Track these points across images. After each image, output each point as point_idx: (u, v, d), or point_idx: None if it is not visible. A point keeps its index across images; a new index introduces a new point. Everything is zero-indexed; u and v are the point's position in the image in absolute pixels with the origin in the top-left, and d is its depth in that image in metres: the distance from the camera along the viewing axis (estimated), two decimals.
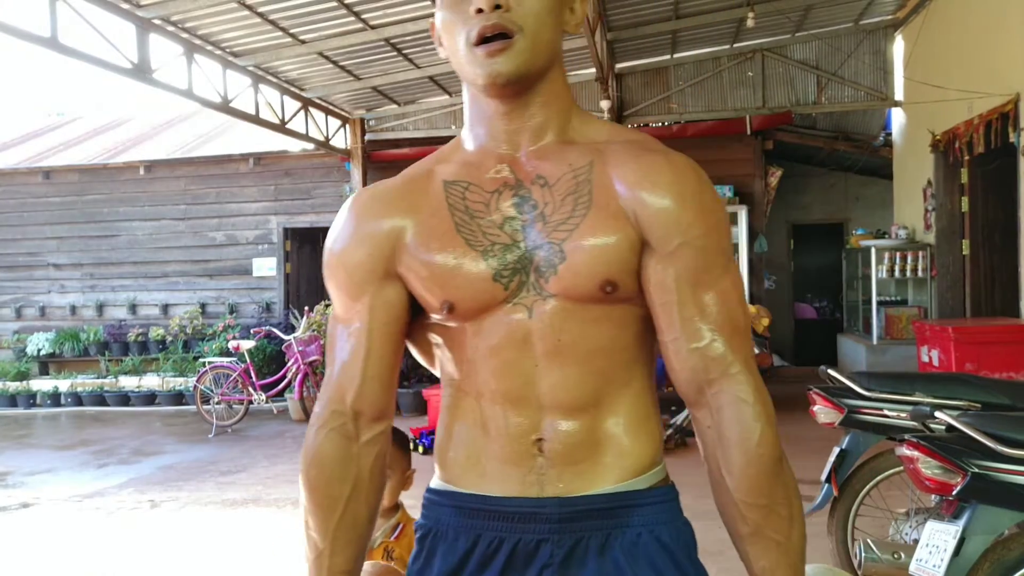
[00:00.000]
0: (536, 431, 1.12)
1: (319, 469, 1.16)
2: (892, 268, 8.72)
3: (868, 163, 11.04)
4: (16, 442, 8.26)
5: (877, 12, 9.27)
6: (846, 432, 3.35)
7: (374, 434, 1.18)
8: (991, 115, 6.54)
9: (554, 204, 1.11)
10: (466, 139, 1.20)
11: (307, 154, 10.72)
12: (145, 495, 5.83)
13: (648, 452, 1.16)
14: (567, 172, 1.13)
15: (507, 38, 1.08)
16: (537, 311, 1.11)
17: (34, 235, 11.69)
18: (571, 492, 1.12)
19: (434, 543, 1.17)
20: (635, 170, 1.12)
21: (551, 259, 1.09)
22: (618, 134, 1.19)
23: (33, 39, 5.33)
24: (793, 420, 7.28)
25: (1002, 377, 5.27)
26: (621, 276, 1.10)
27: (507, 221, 1.12)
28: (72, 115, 15.98)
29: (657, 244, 1.10)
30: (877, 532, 3.37)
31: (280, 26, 7.04)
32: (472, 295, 1.11)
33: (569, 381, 1.12)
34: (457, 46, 1.12)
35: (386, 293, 1.16)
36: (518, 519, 1.12)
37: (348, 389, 1.16)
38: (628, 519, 1.13)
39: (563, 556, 1.12)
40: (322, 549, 1.16)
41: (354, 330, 1.16)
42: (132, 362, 10.80)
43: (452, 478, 1.18)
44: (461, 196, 1.14)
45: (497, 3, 1.07)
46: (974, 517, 2.42)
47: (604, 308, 1.11)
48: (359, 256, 1.16)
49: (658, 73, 9.98)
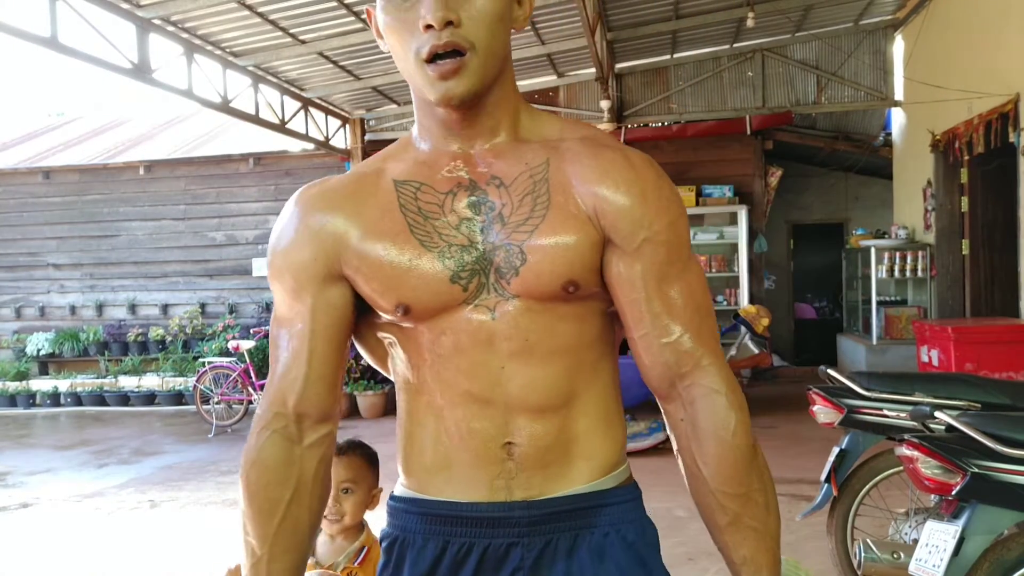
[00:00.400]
0: (505, 435, 1.11)
1: (259, 472, 1.13)
2: (892, 268, 8.72)
3: (868, 163, 11.03)
4: (16, 442, 8.26)
5: (877, 12, 9.27)
6: (846, 432, 3.35)
7: (318, 436, 1.15)
8: (991, 115, 6.54)
9: (512, 204, 1.10)
10: (417, 137, 1.18)
11: (307, 154, 10.72)
12: (145, 495, 5.83)
13: (614, 451, 1.17)
14: (523, 171, 1.11)
15: (459, 55, 1.05)
16: (500, 312, 1.09)
17: (34, 235, 11.69)
18: (539, 495, 1.12)
19: (402, 551, 1.15)
20: (594, 168, 1.11)
21: (511, 260, 1.08)
22: (571, 130, 1.17)
23: (33, 39, 5.33)
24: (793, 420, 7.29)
25: (1002, 377, 5.27)
26: (583, 275, 1.09)
27: (463, 222, 1.10)
28: (72, 115, 15.98)
29: (621, 241, 1.09)
30: (877, 532, 3.37)
31: (280, 26, 7.04)
32: (429, 297, 1.09)
33: (538, 381, 1.11)
34: (405, 55, 1.08)
35: (329, 295, 1.13)
36: (487, 524, 1.12)
37: (290, 392, 1.14)
38: (595, 519, 1.13)
39: (533, 559, 1.12)
40: (260, 555, 1.13)
41: (296, 331, 1.14)
42: (132, 362, 10.80)
43: (417, 485, 1.16)
44: (413, 196, 1.12)
45: (448, 19, 1.03)
46: (974, 517, 2.42)
47: (568, 306, 1.11)
48: (302, 256, 1.13)
49: (658, 73, 9.98)
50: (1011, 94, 6.22)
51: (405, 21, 1.06)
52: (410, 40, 1.06)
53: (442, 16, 1.03)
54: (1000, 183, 7.10)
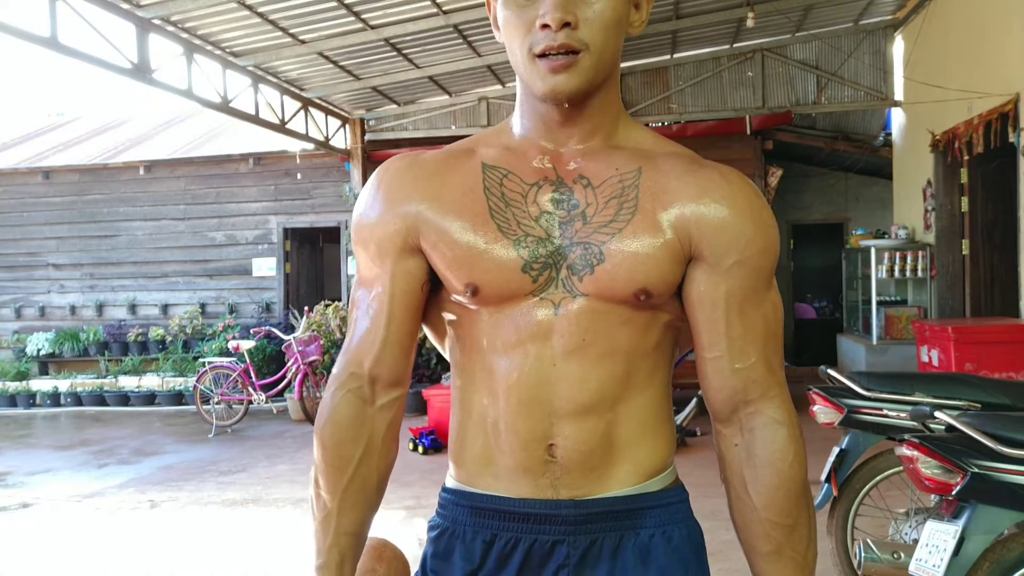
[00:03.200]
0: (548, 437, 1.12)
1: (333, 428, 1.16)
2: (892, 268, 8.71)
3: (868, 163, 11.04)
4: (16, 442, 8.26)
5: (877, 12, 9.27)
6: (846, 432, 3.35)
7: (389, 399, 1.18)
8: (991, 115, 6.54)
9: (596, 205, 1.11)
10: (514, 125, 1.19)
11: (307, 154, 10.71)
12: (145, 495, 5.83)
13: (662, 455, 1.17)
14: (613, 175, 1.12)
15: (573, 53, 1.06)
16: (564, 308, 1.10)
17: (34, 235, 11.70)
18: (586, 495, 1.13)
19: (451, 542, 1.18)
20: (691, 184, 1.11)
21: (588, 259, 1.09)
22: (663, 145, 1.18)
23: (33, 39, 5.33)
24: None
25: (1002, 377, 5.27)
26: (658, 285, 1.09)
27: (543, 215, 1.11)
28: (72, 115, 15.98)
29: (712, 260, 1.10)
30: (877, 532, 3.37)
31: (280, 26, 7.04)
32: (498, 282, 1.10)
33: (588, 382, 1.11)
34: (516, 49, 1.10)
35: (408, 264, 1.15)
36: (533, 520, 1.13)
37: (367, 354, 1.16)
38: (641, 521, 1.14)
39: (578, 557, 1.13)
40: (331, 508, 1.16)
41: (376, 295, 1.16)
42: (132, 362, 10.80)
43: (467, 478, 1.18)
44: (499, 182, 1.13)
45: (566, 21, 1.04)
46: (974, 517, 2.42)
47: (632, 312, 1.11)
48: (385, 229, 1.15)
49: (658, 73, 9.98)
50: (1011, 94, 6.22)
51: (523, 18, 1.07)
52: (526, 36, 1.08)
53: (560, 17, 1.04)
54: (1000, 183, 7.10)
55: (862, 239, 9.49)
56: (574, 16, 1.05)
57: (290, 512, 5.23)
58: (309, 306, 9.25)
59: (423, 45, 8.03)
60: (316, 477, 1.18)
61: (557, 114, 1.12)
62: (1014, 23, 6.33)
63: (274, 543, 4.62)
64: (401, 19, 7.29)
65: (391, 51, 8.07)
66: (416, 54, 8.30)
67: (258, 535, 4.79)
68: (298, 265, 11.46)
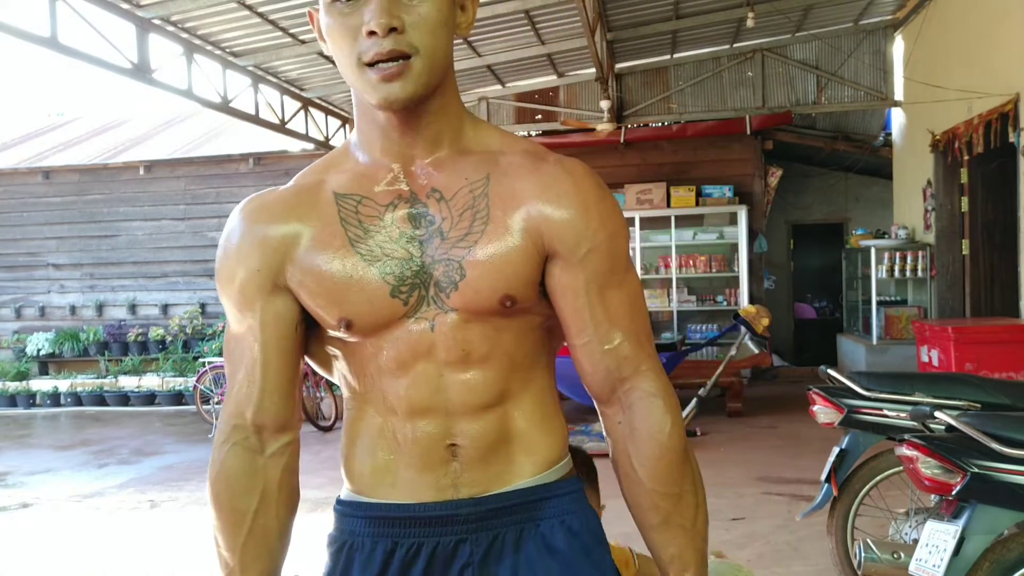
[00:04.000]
0: (449, 436, 1.14)
1: (224, 484, 1.14)
2: (892, 268, 8.71)
3: (868, 163, 11.03)
4: (16, 442, 8.26)
5: (877, 12, 9.27)
6: (846, 432, 3.34)
7: (279, 445, 1.16)
8: (991, 115, 6.54)
9: (451, 219, 1.11)
10: (356, 146, 1.17)
11: (307, 154, 10.71)
12: (145, 495, 5.83)
13: (556, 446, 1.20)
14: (464, 186, 1.12)
15: (404, 59, 1.04)
16: (439, 323, 1.11)
17: (34, 235, 11.69)
18: (485, 491, 1.15)
19: (350, 555, 1.17)
20: (535, 183, 1.12)
21: (451, 275, 1.10)
22: (511, 143, 1.18)
23: (33, 39, 5.33)
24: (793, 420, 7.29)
25: (1002, 377, 5.27)
26: (520, 289, 1.11)
27: (403, 236, 1.11)
28: (72, 115, 15.98)
29: (565, 253, 1.11)
30: (877, 532, 3.37)
31: (280, 26, 7.04)
32: (370, 311, 1.10)
33: (476, 386, 1.13)
34: (348, 60, 1.07)
35: (276, 306, 1.14)
36: (435, 523, 1.14)
37: (247, 405, 1.15)
38: (540, 512, 1.16)
39: (481, 554, 1.14)
40: (232, 567, 1.15)
41: (247, 345, 1.15)
42: (132, 362, 10.80)
43: (362, 488, 1.18)
44: (354, 210, 1.12)
45: (392, 26, 1.02)
46: (974, 517, 2.42)
47: (505, 320, 1.13)
48: (248, 268, 1.13)
49: (658, 73, 9.98)
50: (1011, 94, 6.22)
51: (347, 26, 1.05)
52: (353, 44, 1.05)
53: (385, 23, 1.02)
54: (1000, 183, 7.10)
55: (862, 239, 9.49)
56: (400, 20, 1.03)
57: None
58: None
59: None
60: (215, 535, 1.16)
61: (396, 121, 1.10)
62: (1014, 23, 6.33)
63: None
64: None
65: None
66: None
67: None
68: None
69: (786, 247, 12.37)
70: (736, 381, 7.85)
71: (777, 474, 5.54)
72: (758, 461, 5.85)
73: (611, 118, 9.30)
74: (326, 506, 5.16)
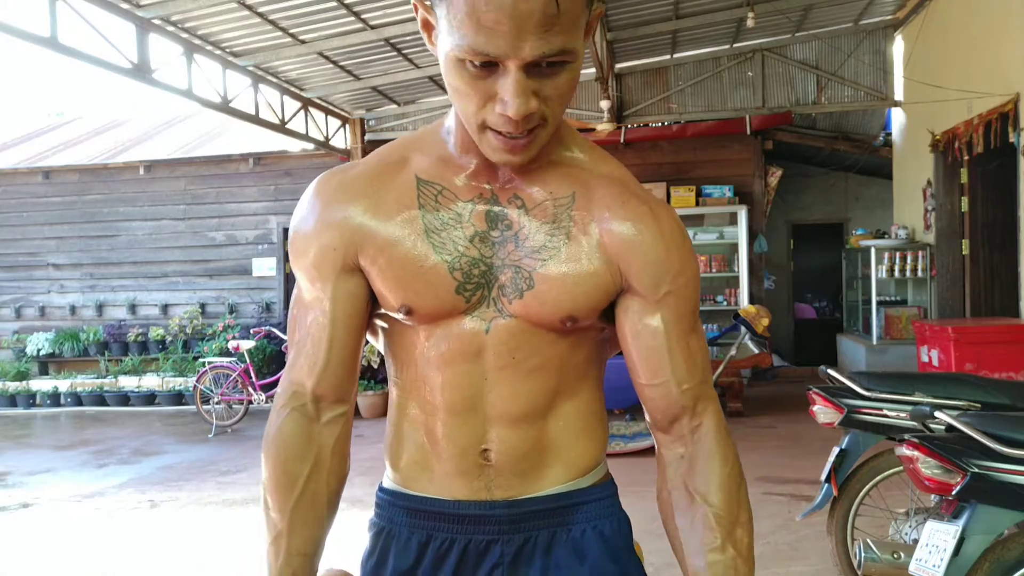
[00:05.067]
0: (482, 442, 1.15)
1: (279, 446, 1.16)
2: (892, 268, 8.72)
3: (868, 163, 11.04)
4: (16, 442, 8.26)
5: (877, 12, 9.27)
6: (846, 432, 3.35)
7: (335, 415, 1.18)
8: (991, 115, 6.54)
9: (529, 229, 1.11)
10: (449, 132, 1.15)
11: (307, 154, 10.71)
12: (145, 495, 5.83)
13: (592, 454, 1.21)
14: (547, 199, 1.12)
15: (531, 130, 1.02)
16: (494, 326, 1.12)
17: (34, 235, 11.69)
18: (519, 495, 1.16)
19: (387, 542, 1.20)
20: (622, 217, 1.11)
21: (518, 283, 1.10)
22: (598, 162, 1.16)
23: (33, 39, 5.33)
24: (793, 420, 7.30)
25: (1002, 377, 5.27)
26: (585, 313, 1.12)
27: (477, 235, 1.11)
28: (72, 115, 15.98)
29: (644, 292, 1.12)
30: (877, 532, 3.37)
31: (280, 26, 7.04)
32: (432, 302, 1.11)
33: (519, 396, 1.14)
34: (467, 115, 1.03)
35: (348, 285, 1.14)
36: (468, 521, 1.16)
37: (309, 375, 1.16)
38: (573, 516, 1.18)
39: (512, 555, 1.16)
40: (280, 529, 1.16)
41: (315, 317, 1.16)
42: (132, 362, 10.79)
43: (403, 480, 1.21)
44: (434, 199, 1.12)
45: (531, 112, 0.98)
46: (974, 517, 2.42)
47: (559, 336, 1.14)
48: (321, 246, 1.13)
49: (658, 73, 9.98)
50: (1011, 94, 6.22)
51: (478, 90, 0.99)
52: (480, 109, 1.01)
53: (525, 111, 0.97)
54: (1000, 183, 7.10)
55: (862, 239, 9.49)
56: (538, 104, 0.99)
57: None
58: None
59: (423, 45, 8.02)
60: (265, 497, 1.18)
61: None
62: (1013, 23, 6.33)
63: None
64: (401, 19, 7.28)
65: (391, 51, 8.07)
66: (416, 54, 8.30)
67: (258, 535, 4.79)
68: None
69: (786, 247, 12.37)
70: (736, 381, 7.85)
71: (777, 474, 5.54)
72: (758, 461, 5.85)
73: (611, 118, 9.30)
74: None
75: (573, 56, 0.98)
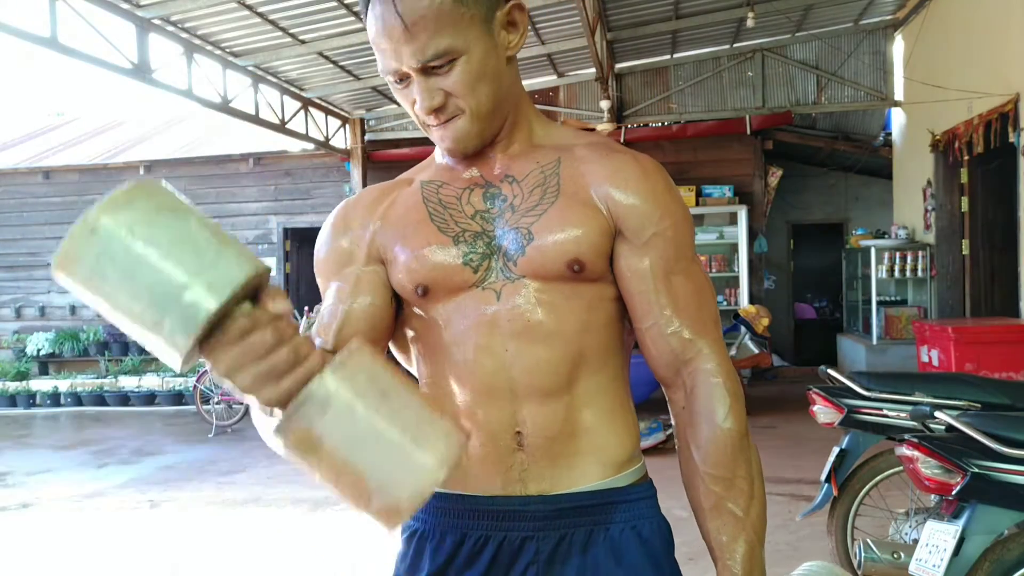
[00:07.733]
0: (514, 424, 1.14)
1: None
2: (892, 268, 8.72)
3: (868, 163, 11.04)
4: (16, 442, 8.26)
5: (877, 12, 9.27)
6: (846, 432, 3.35)
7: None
8: (991, 115, 6.55)
9: (522, 195, 1.17)
10: (441, 155, 1.26)
11: (307, 154, 10.71)
12: (145, 495, 5.83)
13: (626, 445, 1.20)
14: (535, 168, 1.19)
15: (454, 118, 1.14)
16: (505, 293, 1.15)
17: (34, 235, 11.69)
18: (554, 489, 1.15)
19: (421, 544, 1.20)
20: (606, 167, 1.18)
21: (519, 241, 1.15)
22: (581, 137, 1.25)
23: (33, 39, 5.33)
24: (793, 420, 7.29)
25: (1002, 377, 5.27)
26: (589, 256, 1.14)
27: (477, 212, 1.18)
28: (72, 115, 15.98)
29: (631, 236, 1.16)
30: (877, 532, 3.37)
31: (280, 26, 7.04)
32: (444, 278, 1.15)
33: (541, 364, 1.14)
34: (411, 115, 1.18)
35: (367, 270, 1.21)
36: (503, 517, 1.15)
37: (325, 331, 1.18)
38: (611, 516, 1.16)
39: (548, 553, 1.14)
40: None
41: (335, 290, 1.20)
42: (132, 362, 10.80)
43: None
44: (435, 191, 1.21)
45: (435, 108, 1.12)
46: (974, 517, 2.42)
47: (573, 287, 1.15)
48: (339, 247, 1.23)
49: (658, 73, 9.98)
50: (1011, 94, 6.22)
51: (407, 97, 1.15)
52: (412, 109, 1.16)
53: (428, 107, 1.12)
54: (1000, 183, 7.10)
55: (862, 239, 9.50)
56: (441, 96, 1.11)
57: (290, 512, 5.23)
58: (309, 306, 9.23)
59: None
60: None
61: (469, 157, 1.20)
62: (1014, 23, 6.33)
63: (274, 543, 4.62)
64: None
65: None
66: None
67: (258, 535, 4.80)
68: (298, 265, 11.46)
69: (786, 247, 12.37)
70: None
71: (777, 474, 5.54)
72: None
73: (611, 118, 9.31)
74: (327, 506, 5.17)
75: (457, 53, 1.08)
